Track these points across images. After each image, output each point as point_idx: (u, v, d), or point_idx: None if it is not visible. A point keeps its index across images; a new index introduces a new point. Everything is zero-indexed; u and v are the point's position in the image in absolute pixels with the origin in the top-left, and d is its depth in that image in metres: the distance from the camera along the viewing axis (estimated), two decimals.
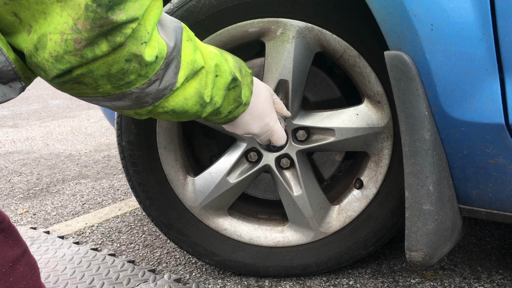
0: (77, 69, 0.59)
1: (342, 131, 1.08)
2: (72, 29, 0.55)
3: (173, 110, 0.75)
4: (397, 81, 0.86)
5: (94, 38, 0.56)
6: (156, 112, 0.75)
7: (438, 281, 1.18)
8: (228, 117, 0.87)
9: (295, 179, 1.16)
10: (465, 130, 0.85)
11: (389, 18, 0.84)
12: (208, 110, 0.81)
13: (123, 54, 0.60)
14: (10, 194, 2.24)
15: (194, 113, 0.79)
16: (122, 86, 0.64)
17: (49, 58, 0.57)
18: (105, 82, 0.63)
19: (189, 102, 0.76)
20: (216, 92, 0.80)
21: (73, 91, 0.65)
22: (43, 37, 0.57)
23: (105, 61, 0.60)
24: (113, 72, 0.62)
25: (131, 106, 0.71)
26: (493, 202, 0.90)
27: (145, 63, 0.63)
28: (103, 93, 0.65)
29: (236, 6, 1.02)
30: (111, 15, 0.55)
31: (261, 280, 1.24)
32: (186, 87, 0.74)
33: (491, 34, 0.80)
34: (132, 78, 0.64)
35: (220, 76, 0.80)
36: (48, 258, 1.39)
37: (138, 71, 0.64)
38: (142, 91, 0.67)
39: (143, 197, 1.19)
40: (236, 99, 0.85)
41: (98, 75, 0.61)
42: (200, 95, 0.77)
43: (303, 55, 1.05)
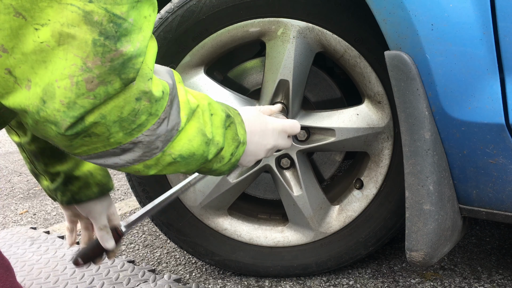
0: (90, 115, 0.56)
1: (342, 131, 1.08)
2: (82, 69, 0.53)
3: (181, 155, 0.72)
4: (397, 81, 0.86)
5: (106, 75, 0.54)
6: (165, 162, 0.71)
7: (438, 281, 1.18)
8: (232, 161, 0.84)
9: (295, 179, 1.16)
10: (465, 130, 0.85)
11: (389, 18, 0.84)
12: (213, 151, 0.78)
13: (133, 92, 0.58)
14: (10, 194, 2.24)
15: (201, 155, 0.75)
16: (134, 131, 0.62)
17: (60, 107, 0.54)
18: (117, 129, 0.60)
19: (194, 142, 0.73)
20: (215, 131, 0.78)
21: (82, 148, 0.61)
22: (48, 87, 0.53)
23: (116, 104, 0.57)
24: (125, 116, 0.59)
25: (141, 156, 0.67)
26: (493, 202, 0.90)
27: (155, 98, 0.61)
28: (114, 144, 0.62)
29: (237, 6, 1.02)
30: (120, 47, 0.54)
31: (261, 280, 1.24)
32: (187, 129, 0.72)
33: (491, 34, 0.80)
34: (143, 119, 0.61)
35: (215, 114, 0.78)
36: (48, 258, 1.39)
37: (148, 110, 0.61)
38: (153, 133, 0.65)
39: (143, 197, 1.19)
40: (234, 137, 0.83)
41: (111, 121, 0.58)
42: (203, 132, 0.74)
43: (304, 55, 1.05)
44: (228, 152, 0.82)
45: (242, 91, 1.20)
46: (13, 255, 1.43)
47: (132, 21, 0.55)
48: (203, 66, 1.11)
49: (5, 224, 1.82)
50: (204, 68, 1.11)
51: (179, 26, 1.04)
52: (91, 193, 0.97)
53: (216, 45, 1.07)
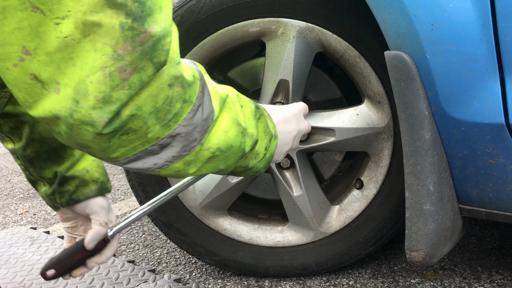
0: (126, 108, 0.53)
1: (342, 131, 1.08)
2: (113, 58, 0.49)
3: (219, 149, 0.69)
4: (397, 81, 0.86)
5: (138, 61, 0.51)
6: (203, 158, 0.68)
7: (438, 281, 1.18)
8: (266, 157, 0.82)
9: (295, 179, 1.16)
10: (465, 130, 0.85)
11: (390, 18, 0.84)
12: (249, 143, 0.75)
13: (164, 79, 0.55)
14: (10, 194, 2.24)
15: (239, 147, 0.72)
16: (170, 122, 0.59)
17: (95, 104, 0.50)
18: (154, 121, 0.57)
19: (230, 133, 0.70)
20: (247, 122, 0.75)
21: (120, 150, 0.58)
22: (80, 85, 0.49)
23: (150, 93, 0.54)
24: (159, 105, 0.56)
25: (180, 152, 0.64)
26: (493, 202, 0.90)
27: (187, 83, 0.58)
28: (152, 140, 0.59)
29: (237, 6, 1.02)
30: (147, 28, 0.50)
31: (261, 280, 1.24)
32: (221, 120, 0.69)
33: (491, 34, 0.80)
34: (178, 108, 0.58)
35: (244, 105, 0.76)
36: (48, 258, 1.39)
37: (182, 96, 0.58)
38: (190, 123, 0.61)
39: (143, 197, 1.19)
40: (266, 130, 0.80)
41: (147, 113, 0.55)
42: (237, 122, 0.71)
43: (304, 55, 1.05)
44: (262, 146, 0.80)
45: (242, 91, 1.20)
46: (13, 255, 1.43)
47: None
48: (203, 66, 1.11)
49: (5, 224, 1.82)
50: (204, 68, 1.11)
51: (179, 26, 1.04)
52: (89, 191, 0.93)
53: (216, 45, 1.07)
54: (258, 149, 0.78)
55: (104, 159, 0.59)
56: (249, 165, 0.79)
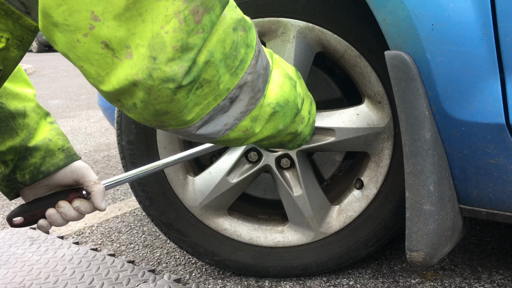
0: (200, 55, 0.52)
1: (342, 131, 1.08)
2: (185, 1, 0.48)
3: (278, 104, 0.71)
4: (397, 81, 0.86)
5: (207, 1, 0.50)
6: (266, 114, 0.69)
7: (438, 281, 1.18)
8: (310, 122, 0.84)
9: (295, 179, 1.16)
10: (465, 130, 0.85)
11: (390, 18, 0.84)
12: (299, 100, 0.77)
13: (228, 22, 0.55)
14: None
15: (293, 101, 0.74)
16: (237, 70, 0.59)
17: (174, 54, 0.49)
18: (224, 69, 0.57)
19: (285, 87, 0.72)
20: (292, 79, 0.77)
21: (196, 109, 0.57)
22: (154, 39, 0.48)
23: (218, 38, 0.54)
24: (227, 51, 0.56)
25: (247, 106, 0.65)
26: (494, 202, 0.90)
27: (248, 25, 0.59)
28: (223, 92, 0.59)
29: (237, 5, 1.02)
30: None
31: (261, 280, 1.24)
32: (273, 75, 0.71)
33: (492, 34, 0.80)
34: (242, 53, 0.59)
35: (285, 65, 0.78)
36: (48, 258, 1.38)
37: (245, 40, 0.59)
38: (254, 70, 0.62)
39: (143, 197, 1.19)
40: (306, 93, 0.83)
41: (218, 60, 0.55)
42: (288, 76, 0.73)
43: (304, 55, 1.05)
44: (306, 109, 0.81)
45: None
46: (12, 255, 1.43)
47: None
48: None
49: (5, 224, 1.82)
50: None
51: None
52: (58, 160, 0.84)
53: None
54: (303, 112, 0.80)
55: (180, 125, 0.59)
56: (298, 130, 0.80)
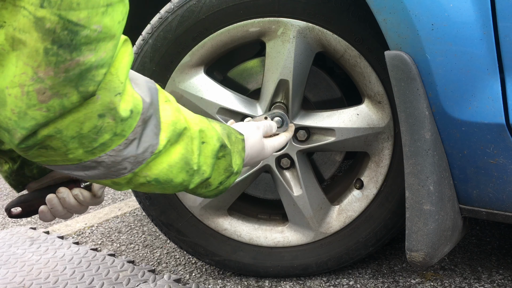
0: (44, 128, 0.51)
1: (342, 131, 1.08)
2: (32, 79, 0.48)
3: (157, 180, 0.66)
4: (397, 81, 0.86)
5: (60, 87, 0.49)
6: (138, 182, 0.66)
7: (438, 281, 1.18)
8: (219, 189, 0.79)
9: (295, 179, 1.16)
10: (465, 130, 0.85)
11: (390, 18, 0.84)
12: (196, 181, 0.72)
13: (96, 108, 0.53)
14: (10, 194, 2.24)
15: (180, 183, 0.70)
16: (95, 150, 0.56)
17: (11, 116, 0.49)
18: (76, 145, 0.54)
19: (174, 169, 0.67)
20: (203, 160, 0.72)
21: (40, 158, 0.56)
22: (1, 93, 0.49)
23: (75, 118, 0.52)
24: (85, 132, 0.53)
25: (106, 175, 0.61)
26: (494, 202, 0.90)
27: (120, 118, 0.56)
28: (73, 160, 0.56)
29: (237, 5, 1.02)
30: (77, 56, 0.49)
31: (261, 280, 1.24)
32: (170, 152, 0.66)
33: (492, 34, 0.80)
34: (106, 138, 0.56)
35: (206, 142, 0.72)
36: (48, 258, 1.39)
37: (113, 129, 0.56)
38: (119, 154, 0.59)
39: (143, 197, 1.19)
40: (227, 168, 0.77)
41: (68, 137, 0.53)
42: (187, 161, 0.68)
43: (304, 55, 1.05)
44: (216, 180, 0.77)
45: (242, 91, 1.20)
46: (12, 255, 1.43)
47: (101, 28, 0.50)
48: (203, 66, 1.11)
49: (5, 224, 1.82)
50: (204, 68, 1.11)
51: (179, 26, 1.04)
52: None
53: (216, 45, 1.07)
54: (211, 181, 0.76)
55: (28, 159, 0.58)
56: (197, 192, 0.77)
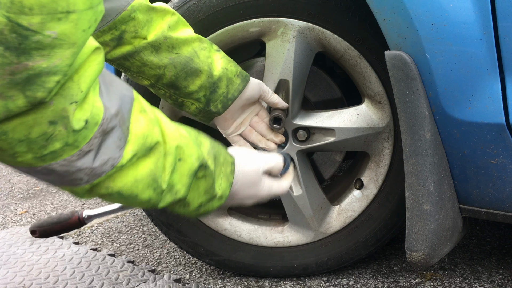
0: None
1: (342, 131, 1.08)
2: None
3: (120, 193, 0.63)
4: (397, 81, 0.86)
5: (4, 89, 0.47)
6: (99, 193, 0.63)
7: (438, 281, 1.18)
8: (200, 211, 0.76)
9: (295, 179, 1.16)
10: (465, 130, 0.85)
11: (390, 18, 0.84)
12: (168, 199, 0.69)
13: (47, 114, 0.50)
14: (10, 194, 2.24)
15: (147, 201, 0.66)
16: (45, 157, 0.54)
17: None
18: (25, 149, 0.52)
19: (140, 185, 0.64)
20: (178, 178, 0.68)
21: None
22: None
23: (23, 121, 0.50)
24: (33, 137, 0.51)
25: (62, 182, 0.59)
26: (494, 202, 0.90)
27: (72, 128, 0.53)
28: (23, 164, 0.54)
29: (237, 5, 1.02)
30: (25, 60, 0.47)
31: (261, 280, 1.24)
32: (138, 166, 0.63)
33: (492, 34, 0.80)
34: (57, 147, 0.53)
35: (183, 160, 0.68)
36: (48, 258, 1.39)
37: (65, 139, 0.53)
38: (71, 164, 0.56)
39: None
40: (207, 190, 0.74)
41: (15, 139, 0.51)
42: (154, 178, 0.65)
43: (304, 55, 1.05)
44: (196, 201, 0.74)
45: None
46: (12, 255, 1.43)
47: (56, 34, 0.48)
48: None
49: (5, 224, 1.82)
50: None
51: None
52: (237, 85, 0.97)
53: (216, 45, 1.07)
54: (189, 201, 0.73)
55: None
56: (175, 210, 0.74)
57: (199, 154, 0.72)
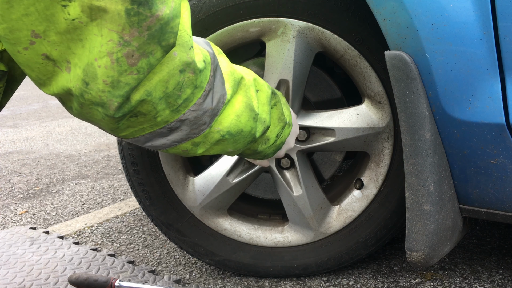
0: (135, 92, 0.53)
1: (342, 131, 1.08)
2: (119, 44, 0.48)
3: (229, 132, 0.69)
4: (397, 81, 0.86)
5: (146, 46, 0.50)
6: (213, 140, 0.68)
7: (438, 281, 1.18)
8: (277, 143, 0.82)
9: (295, 179, 1.16)
10: (465, 130, 0.85)
11: (390, 18, 0.84)
12: (260, 129, 0.75)
13: (176, 64, 0.55)
14: (10, 194, 2.24)
15: (249, 132, 0.72)
16: (180, 107, 0.59)
17: (104, 88, 0.50)
18: (164, 105, 0.57)
19: (242, 118, 0.70)
20: (261, 108, 0.74)
21: (128, 130, 0.58)
22: (89, 67, 0.49)
23: (160, 78, 0.54)
24: (170, 90, 0.56)
25: (188, 134, 0.64)
26: (494, 202, 0.90)
27: (199, 69, 0.58)
28: (161, 124, 0.59)
29: (237, 5, 1.02)
30: (155, 11, 0.49)
31: (261, 280, 1.24)
32: (234, 103, 0.69)
33: (492, 34, 0.80)
34: (188, 93, 0.58)
35: (260, 90, 0.75)
36: (48, 259, 1.38)
37: (193, 82, 0.58)
38: (199, 107, 0.61)
39: (143, 197, 1.19)
40: (280, 118, 0.80)
41: (157, 98, 0.55)
42: (250, 107, 0.71)
43: (304, 55, 1.05)
44: (273, 132, 0.80)
45: None
46: (12, 255, 1.43)
47: None
48: None
49: (5, 224, 1.82)
50: None
51: None
52: None
53: (217, 45, 1.07)
54: (269, 134, 0.79)
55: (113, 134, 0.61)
56: (258, 149, 0.79)
57: (266, 83, 0.78)
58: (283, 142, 0.83)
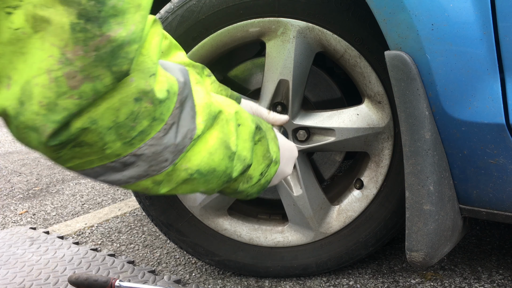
0: (77, 119, 0.46)
1: (342, 131, 1.08)
2: (60, 61, 0.42)
3: (199, 171, 0.61)
4: (397, 81, 0.86)
5: (92, 68, 0.43)
6: (179, 179, 0.60)
7: (438, 281, 1.18)
8: (261, 182, 0.74)
9: (295, 179, 1.16)
10: (465, 130, 0.85)
11: (390, 18, 0.84)
12: (239, 168, 0.67)
13: (131, 91, 0.48)
14: (9, 194, 2.24)
15: (224, 172, 0.65)
16: (134, 140, 0.51)
17: (39, 110, 0.43)
18: (113, 137, 0.49)
19: (215, 156, 0.62)
20: (242, 144, 0.67)
21: (74, 161, 0.51)
22: (26, 85, 0.43)
23: (110, 105, 0.47)
24: (121, 120, 0.49)
25: (147, 171, 0.56)
26: (494, 202, 0.90)
27: (158, 100, 0.51)
28: (111, 157, 0.51)
29: (237, 5, 1.02)
30: (107, 31, 0.43)
31: (261, 280, 1.24)
32: (207, 139, 0.62)
33: (492, 34, 0.80)
34: (145, 125, 0.51)
35: (242, 125, 0.67)
36: (48, 259, 1.38)
37: (151, 113, 0.51)
38: (159, 142, 0.54)
39: (143, 197, 1.19)
40: (265, 155, 0.72)
41: (104, 127, 0.48)
42: (226, 145, 0.63)
43: (304, 55, 1.05)
44: (257, 171, 0.72)
45: (242, 91, 1.20)
46: (12, 255, 1.43)
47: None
48: None
49: (5, 224, 1.82)
50: None
51: (179, 26, 1.04)
52: None
53: (216, 45, 1.07)
54: (251, 173, 0.71)
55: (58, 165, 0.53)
56: (239, 189, 0.72)
57: (251, 117, 0.71)
58: (268, 181, 0.75)
